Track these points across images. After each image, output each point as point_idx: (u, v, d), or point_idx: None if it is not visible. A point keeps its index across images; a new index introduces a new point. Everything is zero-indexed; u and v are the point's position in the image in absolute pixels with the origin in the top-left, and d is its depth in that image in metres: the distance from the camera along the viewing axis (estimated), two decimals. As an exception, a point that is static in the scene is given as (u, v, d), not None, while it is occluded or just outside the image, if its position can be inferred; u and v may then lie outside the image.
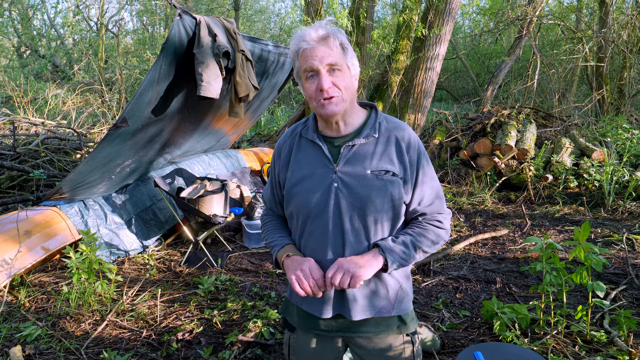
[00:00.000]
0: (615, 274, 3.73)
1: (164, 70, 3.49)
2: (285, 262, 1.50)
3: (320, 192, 1.45)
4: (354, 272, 1.36)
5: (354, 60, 1.44)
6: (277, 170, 1.60)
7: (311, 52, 1.37)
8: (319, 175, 1.46)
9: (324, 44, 1.37)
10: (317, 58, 1.36)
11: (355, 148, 1.46)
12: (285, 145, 1.58)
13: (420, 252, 1.47)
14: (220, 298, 3.42)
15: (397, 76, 8.06)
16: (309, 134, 1.51)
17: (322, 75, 1.37)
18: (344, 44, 1.41)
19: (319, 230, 1.46)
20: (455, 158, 7.44)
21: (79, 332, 2.92)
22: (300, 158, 1.52)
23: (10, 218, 3.68)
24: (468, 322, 3.05)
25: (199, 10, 17.86)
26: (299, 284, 1.40)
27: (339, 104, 1.41)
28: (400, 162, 1.45)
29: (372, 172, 1.42)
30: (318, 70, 1.37)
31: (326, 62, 1.37)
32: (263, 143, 9.53)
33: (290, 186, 1.52)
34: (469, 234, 4.92)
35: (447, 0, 7.59)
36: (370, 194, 1.41)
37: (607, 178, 5.71)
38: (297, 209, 1.51)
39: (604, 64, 10.25)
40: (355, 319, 1.47)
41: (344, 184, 1.43)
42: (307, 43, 1.37)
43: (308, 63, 1.38)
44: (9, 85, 9.87)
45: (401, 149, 1.46)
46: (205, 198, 4.17)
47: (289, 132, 1.62)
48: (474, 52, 18.90)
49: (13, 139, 6.04)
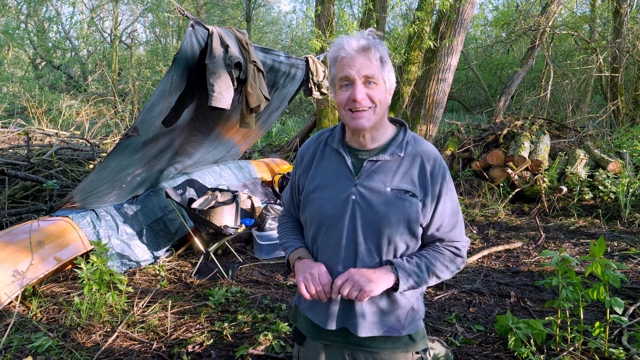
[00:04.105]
0: (632, 288, 3.64)
1: (175, 81, 3.51)
2: (296, 264, 1.49)
3: (337, 202, 1.43)
4: (363, 285, 1.34)
5: (391, 75, 1.41)
6: (298, 175, 1.59)
7: (349, 62, 1.35)
8: (338, 185, 1.45)
9: (364, 55, 1.35)
10: (354, 68, 1.35)
11: (379, 164, 1.43)
12: (309, 151, 1.57)
13: (434, 277, 1.44)
14: (231, 310, 3.40)
15: (409, 87, 8.05)
16: (335, 143, 1.50)
17: (357, 85, 1.36)
18: (384, 57, 1.38)
19: (332, 241, 1.44)
20: (468, 169, 7.37)
21: (90, 344, 2.91)
22: (322, 166, 1.51)
23: (23, 228, 3.70)
24: (482, 337, 2.99)
25: (211, 21, 18.06)
26: (305, 286, 1.40)
27: (370, 118, 1.39)
28: (421, 184, 1.42)
29: (392, 190, 1.40)
30: (354, 80, 1.36)
31: (363, 74, 1.35)
32: (274, 153, 9.55)
33: (308, 192, 1.51)
34: (482, 246, 4.85)
35: (459, 11, 7.58)
36: (387, 211, 1.39)
37: (623, 190, 5.61)
38: (312, 216, 1.49)
39: (619, 75, 10.14)
40: (361, 335, 1.44)
41: (362, 198, 1.41)
42: (346, 52, 1.35)
43: (345, 72, 1.36)
44: (24, 96, 10.04)
45: (425, 171, 1.43)
46: (217, 209, 4.17)
47: (314, 137, 1.61)
48: (486, 63, 18.83)
49: (27, 150, 6.11)
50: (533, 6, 14.40)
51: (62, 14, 19.48)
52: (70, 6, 15.48)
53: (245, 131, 5.49)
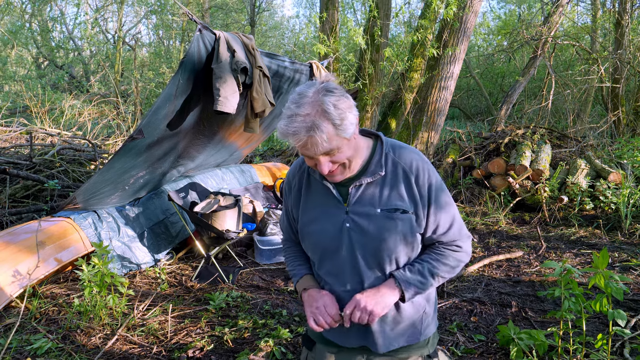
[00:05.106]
0: (634, 300, 3.63)
1: (181, 85, 3.52)
2: (303, 296, 1.52)
3: (333, 232, 1.44)
4: (371, 309, 1.38)
5: (346, 123, 1.28)
6: (290, 205, 1.59)
7: (303, 146, 1.28)
8: (330, 215, 1.45)
9: (312, 139, 1.25)
10: (310, 151, 1.28)
11: (363, 187, 1.42)
12: (295, 180, 1.57)
13: (438, 278, 1.46)
14: (232, 315, 3.39)
15: (411, 94, 8.07)
16: (317, 175, 1.48)
17: (320, 162, 1.31)
18: (334, 119, 1.25)
19: (335, 270, 1.47)
20: (469, 177, 7.38)
21: (90, 346, 2.89)
22: (311, 199, 1.51)
23: (24, 228, 3.70)
24: (483, 347, 2.98)
25: (215, 25, 18.12)
26: (315, 320, 1.42)
27: (344, 173, 1.39)
28: (409, 196, 1.42)
29: (382, 211, 1.40)
30: (314, 158, 1.31)
31: (320, 153, 1.29)
32: (275, 158, 9.55)
33: (303, 225, 1.52)
34: (483, 255, 4.85)
35: (462, 20, 7.61)
36: (381, 233, 1.39)
37: (624, 201, 5.61)
38: (312, 248, 1.52)
39: (620, 85, 10.17)
40: (382, 351, 1.46)
41: (355, 224, 1.41)
42: (295, 140, 1.27)
43: (302, 152, 1.31)
44: (27, 95, 10.05)
45: (410, 183, 1.42)
46: (219, 213, 4.17)
47: (297, 165, 1.59)
48: (488, 71, 18.88)
49: (30, 149, 6.11)
50: (535, 16, 14.47)
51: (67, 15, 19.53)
52: (75, 7, 15.52)
53: (248, 135, 5.49)
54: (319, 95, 1.26)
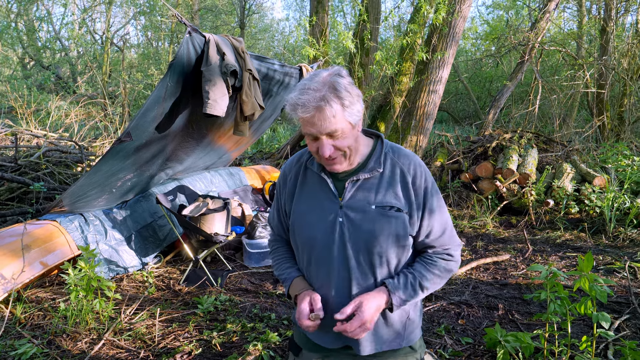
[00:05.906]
0: (617, 302, 3.69)
1: (170, 87, 3.50)
2: (298, 300, 1.51)
3: (325, 226, 1.44)
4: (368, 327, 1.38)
5: (354, 108, 1.33)
6: (283, 200, 1.59)
7: (310, 120, 1.30)
8: (324, 209, 1.45)
9: (321, 113, 1.28)
10: (315, 127, 1.30)
11: (360, 182, 1.44)
12: (291, 174, 1.57)
13: (426, 291, 1.47)
14: (220, 319, 3.37)
15: (400, 98, 8.12)
16: (315, 167, 1.49)
17: (322, 142, 1.33)
18: (344, 99, 1.30)
19: (325, 267, 1.46)
20: (457, 180, 7.44)
21: (76, 351, 2.86)
22: (306, 190, 1.51)
23: (9, 232, 3.64)
24: (471, 350, 3.01)
25: (204, 27, 18.06)
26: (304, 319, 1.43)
27: (343, 162, 1.40)
28: (405, 196, 1.43)
29: (376, 207, 1.41)
30: (318, 137, 1.33)
31: (325, 132, 1.31)
32: (265, 160, 9.53)
33: (295, 218, 1.51)
34: (470, 258, 4.89)
35: (451, 25, 7.68)
36: (374, 229, 1.40)
37: (608, 205, 5.70)
38: (302, 242, 1.50)
39: (605, 91, 10.34)
40: (364, 354, 1.46)
41: (348, 219, 1.41)
42: (303, 111, 1.29)
43: (307, 129, 1.33)
44: (12, 96, 9.91)
45: (406, 183, 1.43)
46: (207, 216, 4.15)
47: (295, 159, 1.60)
48: (476, 76, 19.07)
49: (15, 151, 6.03)
50: (522, 22, 14.65)
51: (53, 14, 19.31)
52: (62, 7, 15.37)
53: (237, 138, 5.48)
54: (332, 76, 1.31)
